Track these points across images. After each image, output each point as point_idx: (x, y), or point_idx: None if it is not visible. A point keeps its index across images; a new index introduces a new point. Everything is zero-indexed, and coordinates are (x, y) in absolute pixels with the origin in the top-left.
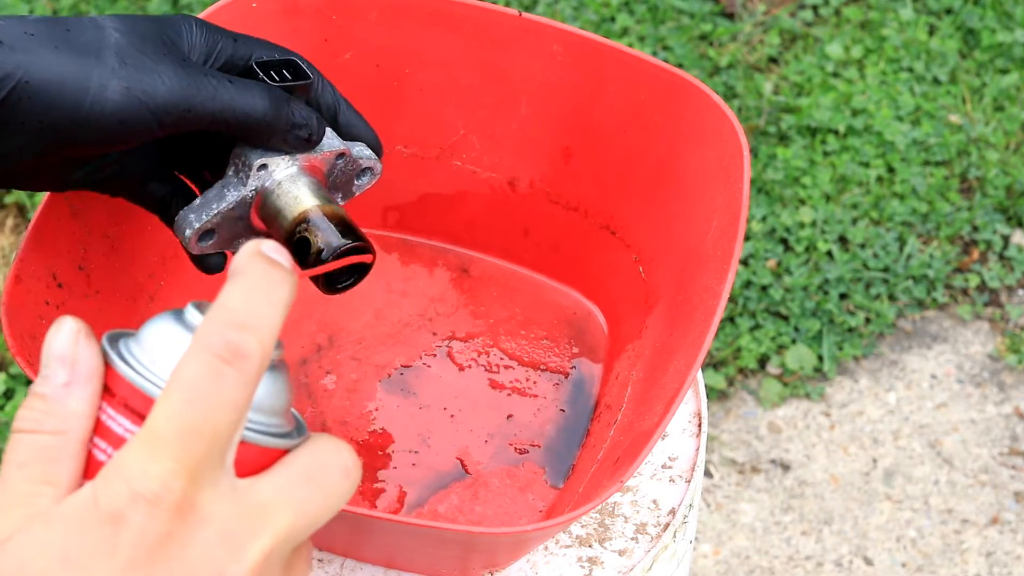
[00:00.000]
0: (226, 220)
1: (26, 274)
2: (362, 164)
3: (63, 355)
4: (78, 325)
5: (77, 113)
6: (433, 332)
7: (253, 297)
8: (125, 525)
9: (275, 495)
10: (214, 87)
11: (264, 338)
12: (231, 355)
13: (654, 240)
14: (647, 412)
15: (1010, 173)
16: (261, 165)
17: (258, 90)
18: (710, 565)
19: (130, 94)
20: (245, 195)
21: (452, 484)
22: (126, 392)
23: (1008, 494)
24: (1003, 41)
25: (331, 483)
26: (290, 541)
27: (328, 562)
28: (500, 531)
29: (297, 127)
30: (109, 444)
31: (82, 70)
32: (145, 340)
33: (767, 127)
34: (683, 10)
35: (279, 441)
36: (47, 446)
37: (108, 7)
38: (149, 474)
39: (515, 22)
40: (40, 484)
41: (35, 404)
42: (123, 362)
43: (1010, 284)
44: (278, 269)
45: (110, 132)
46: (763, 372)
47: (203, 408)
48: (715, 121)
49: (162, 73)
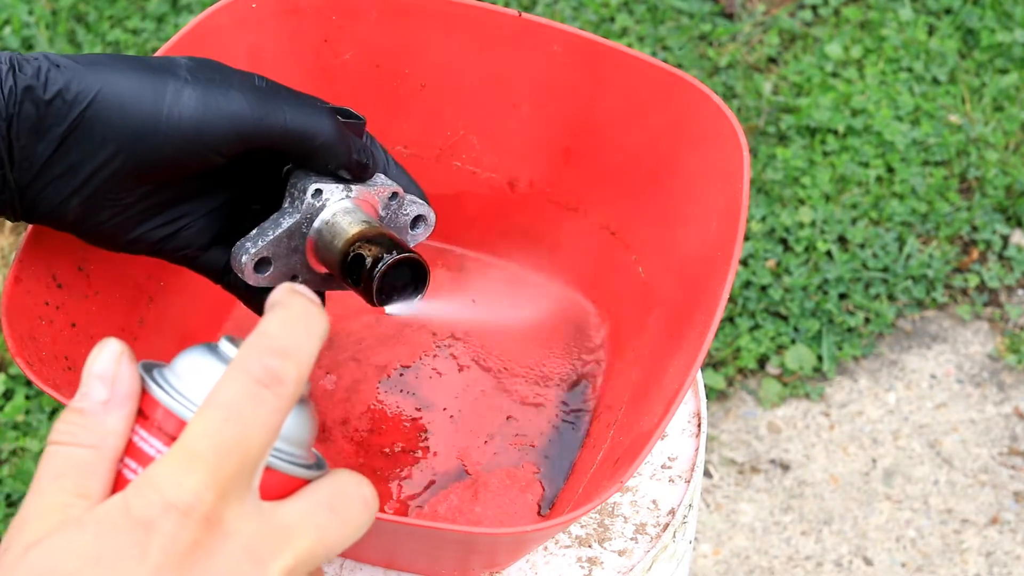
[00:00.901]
0: (281, 250)
1: (26, 274)
2: (415, 211)
3: (104, 374)
4: (121, 347)
5: (156, 121)
6: (433, 332)
7: (292, 327)
8: (156, 532)
9: (299, 519)
10: (283, 102)
11: (301, 366)
12: (269, 380)
13: (654, 240)
14: (647, 412)
15: (1009, 173)
16: (316, 191)
17: (323, 110)
18: (710, 565)
19: (205, 104)
20: (300, 221)
21: (452, 484)
22: (160, 416)
23: (1008, 494)
24: (1002, 41)
25: (351, 513)
26: (309, 564)
27: (328, 562)
28: (500, 531)
29: (356, 151)
30: (139, 464)
31: (157, 83)
32: (180, 369)
33: (767, 127)
34: (682, 10)
35: (302, 471)
36: (83, 459)
37: (108, 7)
38: (182, 485)
39: (515, 22)
40: (73, 496)
41: (73, 419)
42: (159, 387)
43: (1010, 284)
44: (316, 305)
45: (188, 142)
46: (763, 372)
47: (238, 427)
48: (715, 121)
49: (233, 87)
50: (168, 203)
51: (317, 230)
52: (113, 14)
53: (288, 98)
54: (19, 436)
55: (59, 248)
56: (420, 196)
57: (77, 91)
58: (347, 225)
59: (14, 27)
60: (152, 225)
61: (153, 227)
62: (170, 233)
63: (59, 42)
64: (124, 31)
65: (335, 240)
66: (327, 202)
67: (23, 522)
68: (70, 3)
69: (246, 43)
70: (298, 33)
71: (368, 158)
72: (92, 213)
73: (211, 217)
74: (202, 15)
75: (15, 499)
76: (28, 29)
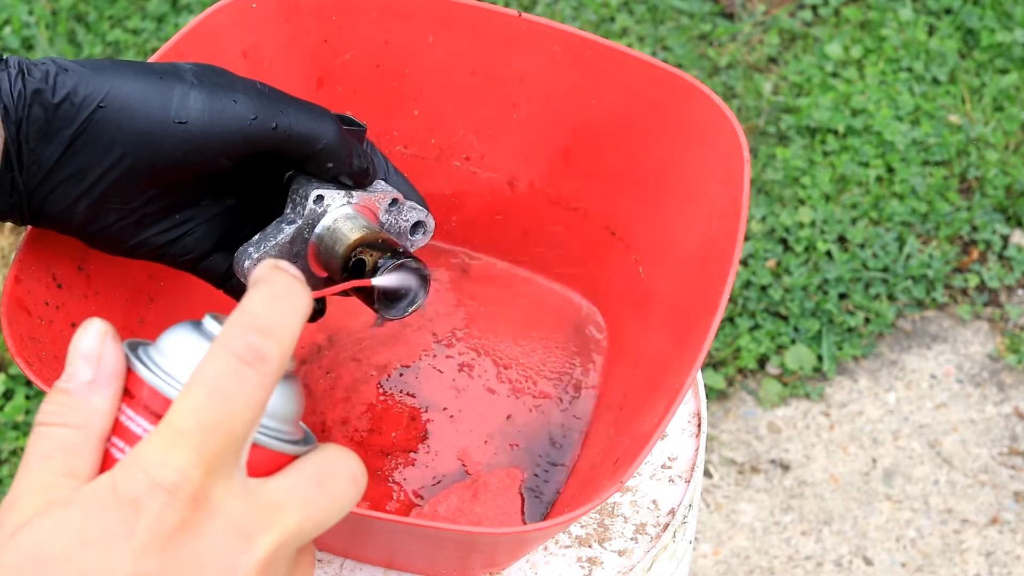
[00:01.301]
0: (284, 255)
1: (26, 274)
2: (414, 217)
3: (89, 354)
4: (105, 327)
5: (164, 124)
6: (433, 332)
7: (275, 304)
8: (143, 511)
9: (286, 495)
10: (287, 106)
11: (284, 344)
12: (252, 357)
13: (654, 240)
14: (647, 412)
15: (1009, 173)
16: (318, 197)
17: (326, 115)
18: (710, 565)
19: (212, 107)
20: (302, 227)
21: (452, 484)
22: (146, 394)
23: (1008, 494)
24: (1002, 41)
25: (339, 488)
26: (297, 540)
27: (328, 562)
28: (500, 531)
29: (358, 156)
30: (126, 443)
31: (164, 87)
32: (165, 347)
33: (767, 127)
34: (682, 10)
35: (289, 447)
36: (70, 440)
37: (108, 7)
38: (168, 464)
39: (515, 22)
40: (61, 476)
41: (59, 399)
42: (144, 366)
43: (1009, 284)
44: (299, 281)
45: (195, 144)
46: (763, 372)
47: (223, 405)
48: (715, 121)
49: (238, 91)
50: (173, 208)
51: (319, 236)
52: (113, 14)
53: (291, 103)
54: (19, 436)
55: (59, 248)
56: (420, 202)
57: (85, 94)
58: (348, 231)
59: (14, 27)
60: (157, 230)
61: (158, 232)
62: (174, 238)
63: (59, 42)
64: (124, 31)
65: (336, 246)
66: (328, 208)
67: (11, 503)
68: (70, 3)
69: (246, 43)
70: (298, 33)
71: (369, 164)
72: (99, 217)
73: (214, 223)
74: (202, 15)
75: None
76: (28, 29)
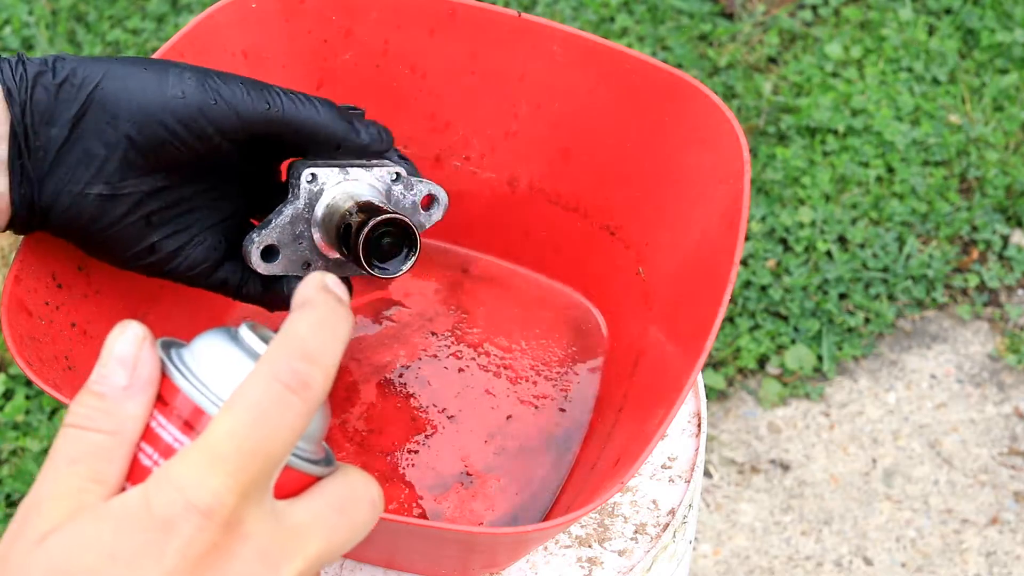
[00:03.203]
0: (286, 237)
1: (26, 274)
2: (424, 190)
3: (125, 358)
4: (143, 332)
5: (162, 98)
6: (433, 332)
7: (321, 330)
8: (175, 533)
9: (310, 521)
10: (280, 93)
11: (328, 371)
12: (297, 385)
13: (654, 240)
14: (647, 412)
15: (1009, 173)
16: (311, 176)
17: (318, 100)
18: (710, 565)
19: (205, 86)
20: (300, 207)
21: (452, 484)
22: (179, 403)
23: (1008, 494)
24: (1002, 41)
25: (359, 514)
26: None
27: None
28: (500, 531)
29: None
30: (157, 451)
31: (159, 68)
32: (201, 356)
33: (766, 127)
34: (682, 10)
35: (315, 468)
36: (101, 445)
37: (108, 7)
38: (205, 486)
39: (515, 22)
40: (89, 481)
41: (92, 402)
42: (180, 374)
43: (1009, 284)
44: (343, 306)
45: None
46: (763, 372)
47: (265, 431)
48: (715, 121)
49: (230, 82)
50: (178, 203)
51: (320, 218)
52: (113, 14)
53: (283, 91)
54: (19, 436)
55: (59, 248)
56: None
57: (84, 75)
58: (342, 203)
59: (14, 27)
60: (165, 232)
61: (166, 235)
62: (183, 244)
63: (59, 42)
64: (124, 31)
65: (332, 219)
66: (324, 186)
67: (36, 504)
68: (70, 3)
69: (246, 43)
70: (298, 33)
71: (379, 129)
72: (108, 209)
73: (220, 231)
74: (202, 15)
75: (15, 499)
76: (28, 29)
